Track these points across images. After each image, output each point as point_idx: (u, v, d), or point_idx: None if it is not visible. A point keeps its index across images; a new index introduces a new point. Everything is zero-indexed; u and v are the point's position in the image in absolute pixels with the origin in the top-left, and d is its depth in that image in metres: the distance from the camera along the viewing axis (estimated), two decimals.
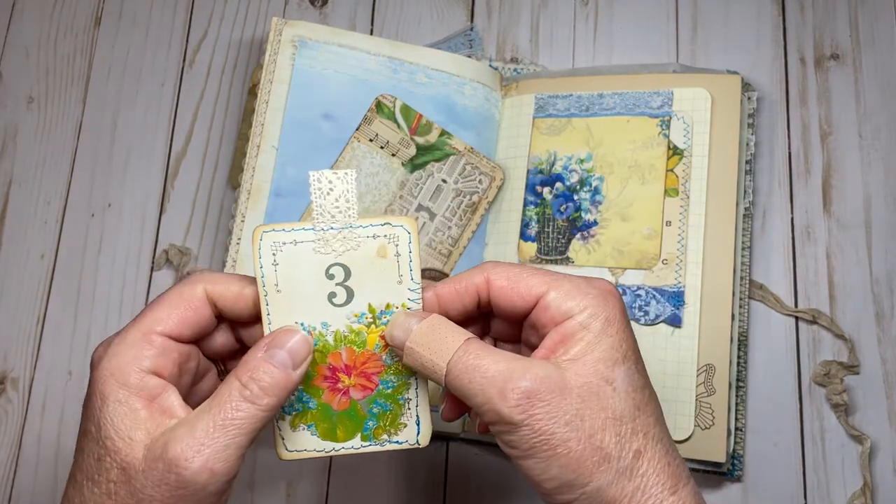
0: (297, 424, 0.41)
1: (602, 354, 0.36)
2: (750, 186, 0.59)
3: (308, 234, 0.39)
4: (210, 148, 0.64)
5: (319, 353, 0.40)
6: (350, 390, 0.41)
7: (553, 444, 0.34)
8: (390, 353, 0.40)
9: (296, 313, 0.39)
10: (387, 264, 0.40)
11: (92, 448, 0.36)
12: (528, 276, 0.38)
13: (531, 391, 0.35)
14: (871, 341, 0.57)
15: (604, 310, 0.37)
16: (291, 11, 0.67)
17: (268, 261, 0.39)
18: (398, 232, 0.40)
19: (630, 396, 0.36)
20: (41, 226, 0.64)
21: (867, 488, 0.54)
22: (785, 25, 0.64)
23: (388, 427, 0.41)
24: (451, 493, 0.58)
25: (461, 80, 0.61)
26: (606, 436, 0.35)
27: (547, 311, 0.37)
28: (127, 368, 0.36)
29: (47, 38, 0.68)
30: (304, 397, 0.40)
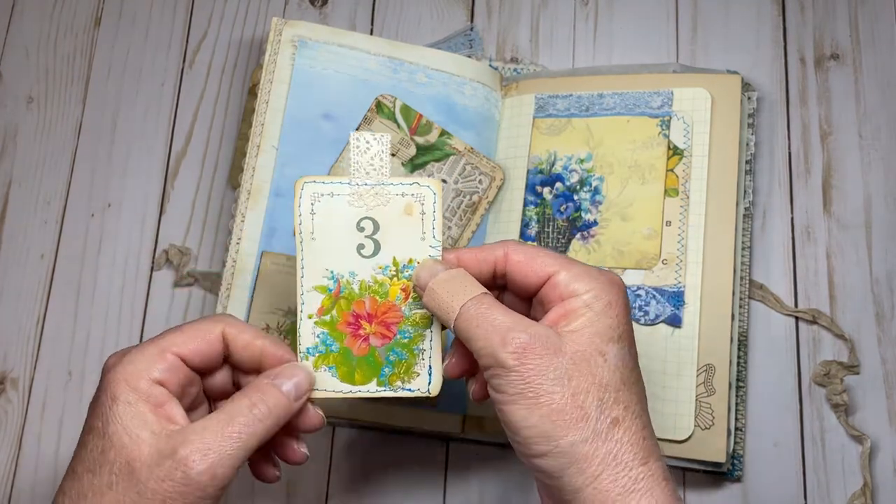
0: (318, 365, 0.44)
1: (599, 330, 0.39)
2: (750, 186, 0.59)
3: (344, 187, 0.43)
4: (210, 148, 0.64)
5: (345, 299, 0.44)
6: (370, 337, 0.44)
7: (538, 393, 0.37)
8: (409, 306, 0.44)
9: (327, 260, 0.44)
10: (412, 221, 0.44)
11: (96, 442, 0.38)
12: (544, 256, 0.42)
13: (528, 343, 0.38)
14: (871, 341, 0.57)
15: (607, 294, 0.40)
16: (291, 11, 0.67)
17: (306, 209, 0.43)
18: (425, 192, 0.44)
19: (618, 370, 0.39)
20: (41, 226, 0.64)
21: (867, 488, 0.54)
22: (785, 25, 0.64)
23: (402, 374, 0.44)
24: (451, 493, 0.58)
25: (461, 80, 0.61)
26: (589, 398, 0.37)
27: (555, 288, 0.40)
28: (139, 375, 0.39)
29: (47, 38, 0.68)
30: (327, 340, 0.44)
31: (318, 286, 0.44)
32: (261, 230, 0.57)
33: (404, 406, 0.56)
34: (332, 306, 0.44)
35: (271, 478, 0.46)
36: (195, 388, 0.43)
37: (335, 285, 0.44)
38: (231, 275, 0.56)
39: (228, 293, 0.56)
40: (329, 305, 0.44)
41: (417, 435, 0.58)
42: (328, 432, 0.59)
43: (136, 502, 0.37)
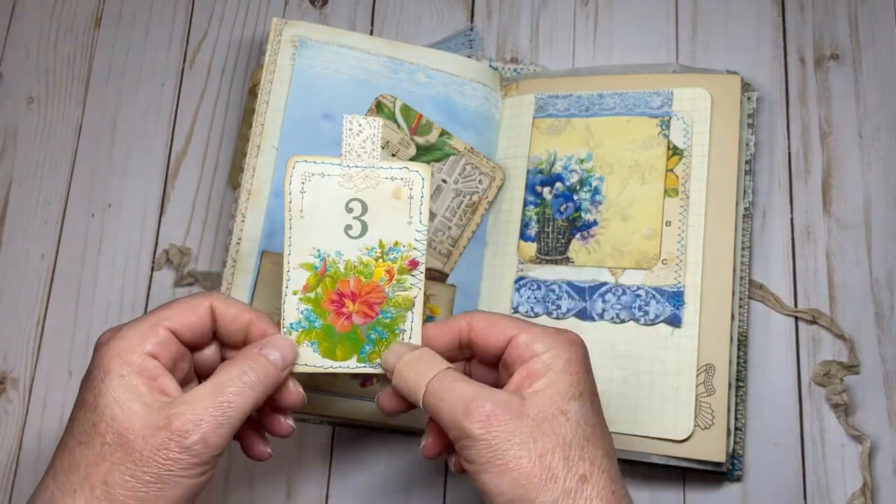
0: (301, 340, 0.45)
1: (560, 389, 0.40)
2: (750, 186, 0.59)
3: (335, 168, 0.44)
4: (210, 148, 0.64)
5: (330, 278, 0.45)
6: (353, 315, 0.45)
7: (506, 460, 0.38)
8: (393, 287, 0.45)
9: (314, 239, 0.44)
10: (400, 205, 0.45)
11: (88, 416, 0.39)
12: (504, 321, 0.43)
13: (492, 412, 0.39)
14: (870, 341, 0.57)
15: (566, 352, 0.41)
16: (291, 12, 0.67)
17: (297, 188, 0.44)
18: (414, 177, 0.45)
19: (581, 428, 0.40)
20: (41, 226, 0.64)
21: (867, 488, 0.54)
22: (785, 26, 0.64)
23: (382, 353, 0.45)
24: (451, 493, 0.58)
25: (461, 80, 0.61)
26: (555, 458, 0.38)
27: (517, 349, 0.42)
28: (132, 349, 0.40)
29: (47, 38, 0.68)
30: (311, 317, 0.45)
31: (304, 263, 0.45)
32: (261, 230, 0.57)
33: None
34: (318, 284, 0.45)
35: (263, 455, 0.46)
36: (186, 363, 0.44)
37: (321, 263, 0.45)
38: (231, 275, 0.56)
39: (229, 293, 0.56)
40: (314, 283, 0.45)
41: (417, 435, 0.58)
42: (328, 432, 0.59)
43: (131, 472, 0.38)
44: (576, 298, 0.57)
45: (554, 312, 0.57)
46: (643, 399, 0.54)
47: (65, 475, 0.39)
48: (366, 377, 0.56)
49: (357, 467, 0.58)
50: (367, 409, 0.56)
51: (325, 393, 0.55)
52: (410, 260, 0.45)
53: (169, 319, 0.42)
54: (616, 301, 0.56)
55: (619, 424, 0.54)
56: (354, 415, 0.56)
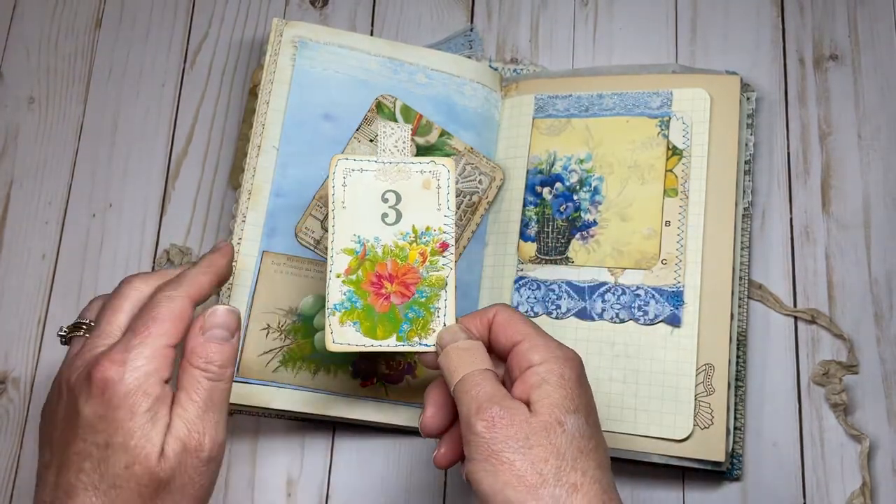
0: (344, 321, 0.48)
1: (556, 401, 0.42)
2: (749, 186, 0.59)
3: (372, 164, 0.49)
4: (211, 148, 0.64)
5: (370, 261, 0.49)
6: (391, 296, 0.48)
7: (502, 460, 0.40)
8: (426, 268, 0.49)
9: (355, 226, 0.49)
10: (429, 194, 0.49)
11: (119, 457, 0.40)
12: (518, 324, 0.46)
13: (497, 415, 0.41)
14: (870, 341, 0.57)
15: (560, 367, 0.43)
16: (292, 12, 0.67)
17: (339, 182, 0.49)
18: (440, 169, 0.49)
19: (576, 440, 0.41)
20: (42, 226, 0.64)
21: (866, 488, 0.54)
22: (784, 26, 0.64)
23: (419, 331, 0.48)
24: (451, 492, 0.58)
25: (461, 80, 0.61)
26: (548, 466, 0.40)
27: (517, 356, 0.44)
28: (152, 380, 0.41)
29: (48, 38, 0.68)
30: (353, 298, 0.48)
31: (346, 249, 0.49)
32: (261, 230, 0.57)
33: (405, 405, 0.56)
34: (358, 267, 0.49)
35: None
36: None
37: (361, 248, 0.49)
38: (232, 275, 0.56)
39: (229, 293, 0.56)
40: (355, 266, 0.49)
41: (417, 435, 0.58)
42: (328, 432, 0.59)
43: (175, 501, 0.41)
44: (575, 298, 0.57)
45: (554, 312, 0.57)
46: (643, 399, 0.55)
47: None
48: (366, 378, 0.56)
49: (357, 467, 0.58)
50: (368, 409, 0.56)
51: (326, 393, 0.56)
52: (441, 242, 0.49)
53: (169, 336, 0.42)
54: (616, 301, 0.56)
55: (619, 424, 0.54)
56: (354, 415, 0.56)
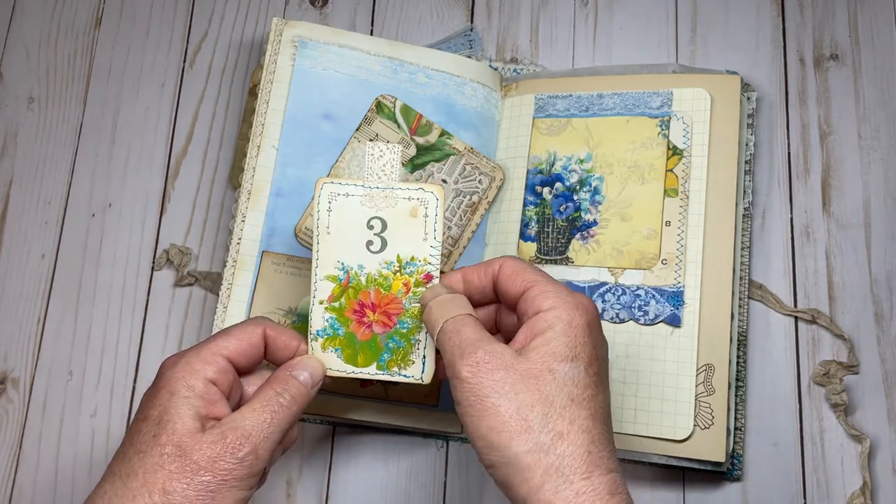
0: (326, 346, 0.49)
1: (554, 349, 0.41)
2: (749, 186, 0.59)
3: (358, 189, 0.48)
4: (210, 148, 0.64)
5: (353, 289, 0.48)
6: (373, 325, 0.48)
7: (486, 405, 0.40)
8: (409, 299, 0.48)
9: (339, 253, 0.48)
10: (416, 223, 0.48)
11: (150, 428, 0.43)
12: (528, 271, 0.45)
13: (482, 359, 0.41)
14: (870, 341, 0.57)
15: (569, 314, 0.42)
16: (292, 12, 0.67)
17: (324, 207, 0.48)
18: (428, 197, 0.48)
19: (566, 388, 0.41)
20: (42, 226, 0.64)
21: (866, 488, 0.54)
22: (784, 26, 0.64)
23: (399, 361, 0.48)
24: (451, 493, 0.58)
25: (461, 80, 0.61)
26: (533, 412, 0.40)
27: (525, 302, 0.44)
28: (196, 375, 0.44)
29: (48, 38, 0.68)
30: (335, 325, 0.48)
31: (329, 276, 0.49)
32: (261, 230, 0.57)
33: (405, 405, 0.56)
34: (341, 294, 0.49)
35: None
36: (236, 391, 0.47)
37: (345, 276, 0.49)
38: (231, 274, 0.56)
39: (229, 293, 0.56)
40: (338, 293, 0.49)
41: (417, 435, 0.58)
42: (328, 432, 0.59)
43: (188, 480, 0.41)
44: None
45: None
46: (643, 399, 0.55)
47: (122, 481, 0.41)
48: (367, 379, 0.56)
49: (357, 467, 0.58)
50: (368, 409, 0.56)
51: (326, 393, 0.56)
52: (425, 274, 0.48)
53: (228, 349, 0.46)
54: (616, 301, 0.56)
55: (619, 424, 0.54)
56: (354, 415, 0.56)
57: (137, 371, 0.61)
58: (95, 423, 0.60)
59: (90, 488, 0.58)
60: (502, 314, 0.49)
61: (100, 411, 0.60)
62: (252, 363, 0.47)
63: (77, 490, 0.59)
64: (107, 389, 0.60)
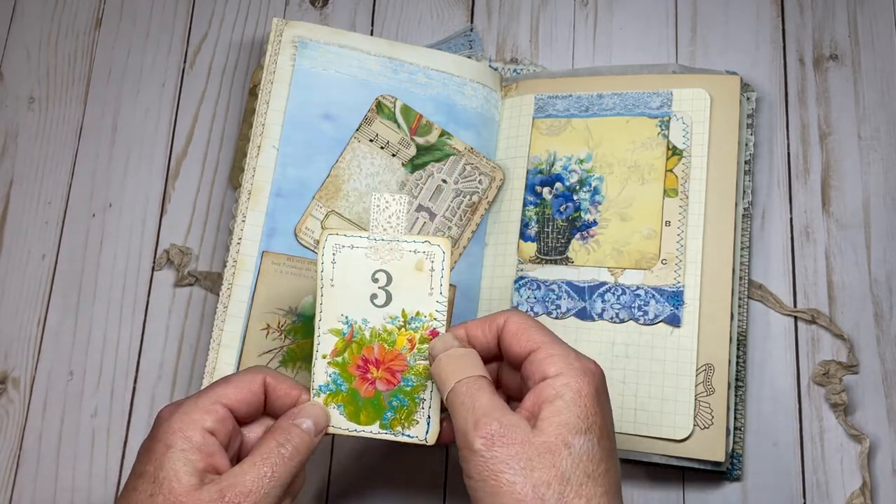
0: (328, 403, 0.47)
1: (566, 420, 0.40)
2: (749, 186, 0.59)
3: (363, 241, 0.47)
4: (211, 148, 0.64)
5: (357, 344, 0.47)
6: (376, 381, 0.47)
7: (501, 482, 0.39)
8: (414, 356, 0.47)
9: (343, 306, 0.47)
10: (422, 276, 0.47)
11: (146, 487, 0.41)
12: (531, 330, 0.44)
13: (497, 432, 0.40)
14: (870, 341, 0.57)
15: (577, 383, 0.41)
16: (292, 12, 0.67)
17: (328, 259, 0.47)
18: (435, 250, 0.47)
19: (583, 464, 0.39)
20: (42, 226, 0.64)
21: (866, 488, 0.54)
22: (784, 26, 0.64)
23: (402, 420, 0.47)
24: (451, 493, 0.58)
25: (461, 80, 0.61)
26: (549, 490, 0.38)
27: (531, 365, 0.43)
28: (193, 425, 0.43)
29: (48, 38, 0.68)
30: (338, 380, 0.47)
31: (333, 329, 0.48)
32: (261, 230, 0.57)
33: None
34: (345, 349, 0.48)
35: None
36: (238, 440, 0.46)
37: (349, 330, 0.48)
38: (232, 275, 0.56)
39: (229, 293, 0.56)
40: (342, 348, 0.48)
41: None
42: None
43: None
44: (575, 298, 0.57)
45: (554, 312, 0.57)
46: (642, 399, 0.55)
47: None
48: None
49: (357, 467, 0.58)
50: None
51: None
52: (431, 330, 0.47)
53: (227, 397, 0.44)
54: (615, 301, 0.56)
55: (619, 424, 0.54)
56: None
57: (138, 371, 0.61)
58: (95, 423, 0.60)
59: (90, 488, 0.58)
60: (504, 371, 0.47)
61: (100, 411, 0.60)
62: (253, 412, 0.46)
63: (77, 490, 0.59)
64: (107, 390, 0.60)
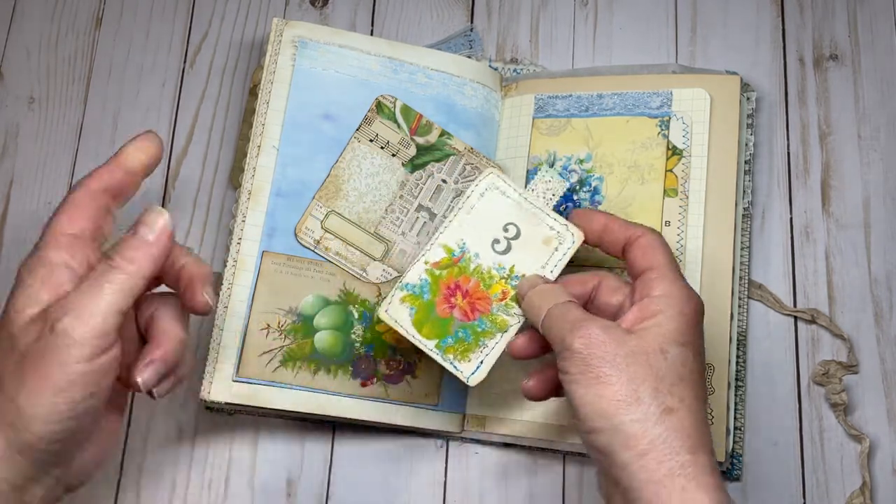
0: (404, 300, 0.51)
1: (666, 331, 0.43)
2: (749, 186, 0.59)
3: (516, 195, 0.52)
4: (211, 148, 0.64)
5: (458, 269, 0.51)
6: (455, 308, 0.50)
7: (598, 374, 0.41)
8: (499, 307, 0.50)
9: (467, 234, 0.51)
10: (545, 250, 0.51)
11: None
12: (658, 252, 0.46)
13: (594, 333, 0.42)
14: (869, 341, 0.57)
15: (680, 304, 0.44)
16: (292, 12, 0.67)
17: (479, 190, 0.52)
18: (567, 236, 0.51)
19: (677, 368, 0.42)
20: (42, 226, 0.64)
21: (866, 488, 0.54)
22: (784, 26, 0.64)
23: (458, 352, 0.50)
24: (451, 493, 0.58)
25: (461, 80, 0.61)
26: (644, 386, 0.41)
27: (643, 282, 0.45)
28: (37, 257, 0.44)
29: (48, 38, 0.68)
30: (425, 288, 0.51)
31: (447, 246, 0.52)
32: (261, 230, 0.57)
33: (405, 405, 0.56)
34: (446, 267, 0.51)
35: (200, 306, 0.46)
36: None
37: (460, 254, 0.51)
38: (232, 275, 0.56)
39: (229, 293, 0.56)
40: (445, 264, 0.51)
41: (417, 435, 0.59)
42: (328, 432, 0.59)
43: (17, 363, 0.39)
44: None
45: None
46: None
47: None
48: (366, 378, 0.56)
49: (357, 467, 0.58)
50: (368, 409, 0.56)
51: (326, 393, 0.56)
52: None
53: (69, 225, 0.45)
54: None
55: None
56: (354, 415, 0.56)
57: None
58: None
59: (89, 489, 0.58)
60: (599, 296, 0.49)
61: None
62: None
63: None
64: None
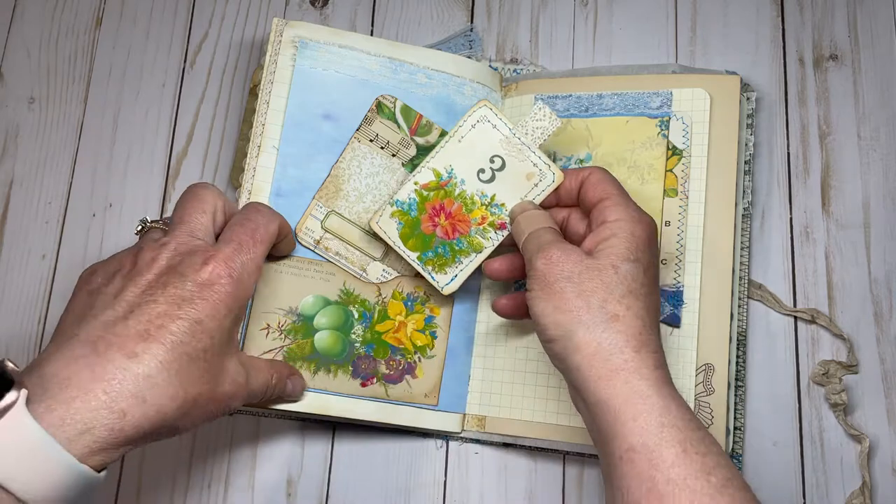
0: (394, 215, 0.56)
1: (617, 251, 0.47)
2: (749, 186, 0.59)
3: (505, 129, 0.55)
4: (211, 148, 0.65)
5: (444, 192, 0.56)
6: (438, 227, 0.56)
7: (554, 289, 0.47)
8: (478, 230, 0.55)
9: (455, 161, 0.55)
10: (525, 184, 0.54)
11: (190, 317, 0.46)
12: (607, 183, 0.51)
13: (555, 255, 0.47)
14: (869, 341, 0.57)
15: (632, 226, 0.48)
16: (292, 12, 0.67)
17: (471, 122, 0.55)
18: (548, 174, 0.54)
19: (626, 281, 0.46)
20: (42, 226, 0.64)
21: (866, 487, 0.54)
22: (784, 26, 0.64)
23: (436, 265, 0.56)
24: (451, 493, 0.58)
25: (461, 80, 0.61)
26: (594, 296, 0.46)
27: (598, 211, 0.50)
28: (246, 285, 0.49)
29: (48, 38, 0.68)
30: (412, 205, 0.56)
31: (437, 171, 0.56)
32: None
33: (405, 405, 0.56)
34: (433, 189, 0.56)
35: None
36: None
37: (447, 178, 0.55)
38: None
39: None
40: (432, 187, 0.56)
41: (417, 435, 0.59)
42: (328, 432, 0.59)
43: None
44: None
45: None
46: None
47: None
48: (366, 378, 0.56)
49: (357, 467, 0.58)
50: (368, 409, 0.56)
51: (326, 393, 0.56)
52: (502, 222, 0.55)
53: (261, 255, 0.50)
54: None
55: None
56: (354, 415, 0.56)
57: None
58: None
59: None
60: (571, 221, 0.54)
61: None
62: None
63: None
64: None
